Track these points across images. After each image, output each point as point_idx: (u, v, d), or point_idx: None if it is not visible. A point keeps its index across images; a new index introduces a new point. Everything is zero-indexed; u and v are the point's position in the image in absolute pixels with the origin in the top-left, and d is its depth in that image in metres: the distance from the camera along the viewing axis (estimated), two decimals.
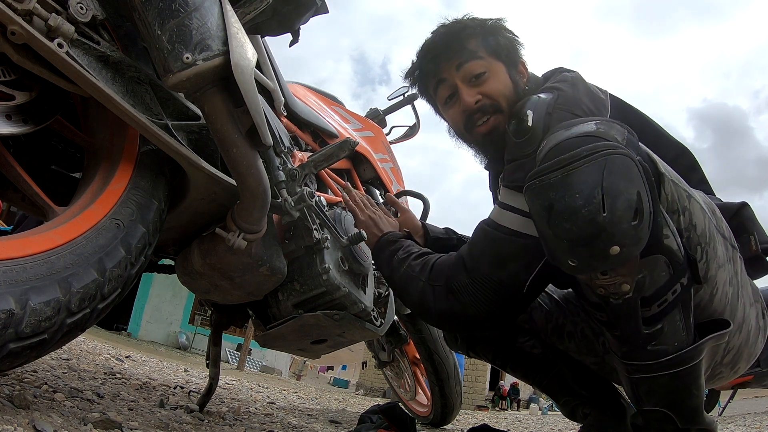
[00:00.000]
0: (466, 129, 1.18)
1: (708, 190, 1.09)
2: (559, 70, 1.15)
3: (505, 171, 1.05)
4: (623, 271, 0.81)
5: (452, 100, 1.19)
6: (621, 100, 1.12)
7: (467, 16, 1.19)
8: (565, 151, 0.80)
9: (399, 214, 1.49)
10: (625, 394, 1.32)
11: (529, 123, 0.98)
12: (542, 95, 1.03)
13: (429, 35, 1.20)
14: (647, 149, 0.88)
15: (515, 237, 1.00)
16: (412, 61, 1.25)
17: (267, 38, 1.32)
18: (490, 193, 1.38)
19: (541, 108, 0.99)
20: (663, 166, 0.88)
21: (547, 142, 0.87)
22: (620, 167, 0.78)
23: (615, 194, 0.76)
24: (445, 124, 1.28)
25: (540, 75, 1.22)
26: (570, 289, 1.34)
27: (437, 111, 1.28)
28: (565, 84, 1.06)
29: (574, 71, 1.13)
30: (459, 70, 1.15)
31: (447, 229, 1.47)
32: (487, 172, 1.34)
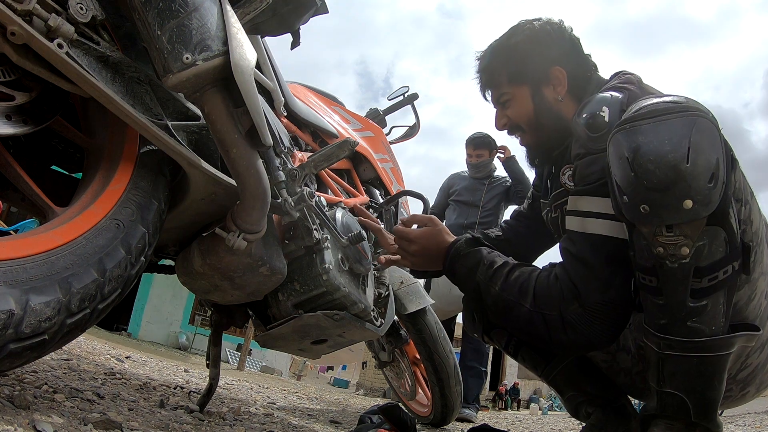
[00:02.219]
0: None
1: None
2: (623, 72, 1.19)
3: (577, 167, 1.06)
4: (687, 231, 0.83)
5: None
6: None
7: (504, 38, 1.29)
8: (657, 107, 0.85)
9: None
10: (631, 399, 1.33)
11: (606, 119, 1.01)
12: (614, 93, 1.06)
13: (480, 54, 1.35)
14: (725, 136, 0.90)
15: (607, 244, 0.99)
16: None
17: (267, 38, 1.32)
18: (535, 174, 1.49)
19: (616, 105, 1.02)
20: (735, 154, 0.90)
21: (635, 105, 0.90)
22: (707, 130, 0.82)
23: (699, 150, 0.79)
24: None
25: (606, 77, 1.25)
26: None
27: None
28: (631, 85, 1.09)
29: (636, 74, 1.16)
30: (492, 95, 1.32)
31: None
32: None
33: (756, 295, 0.93)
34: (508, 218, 1.57)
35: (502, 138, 3.97)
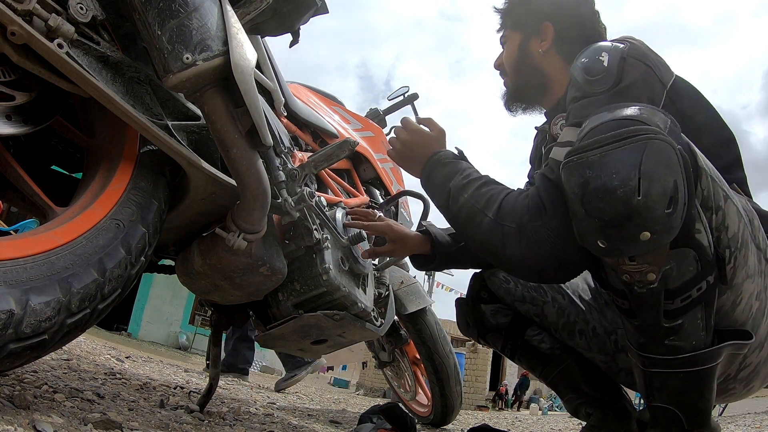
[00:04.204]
0: None
1: (747, 192, 1.07)
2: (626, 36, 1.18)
3: (571, 110, 1.04)
4: (651, 259, 0.81)
5: None
6: (680, 77, 1.11)
7: None
8: (606, 132, 0.81)
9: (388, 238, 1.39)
10: (631, 398, 1.32)
11: (605, 63, 0.99)
12: (615, 43, 1.04)
13: None
14: (689, 141, 0.86)
15: None
16: None
17: (267, 38, 1.32)
18: (530, 165, 1.46)
19: (616, 53, 1.00)
20: (703, 160, 0.87)
21: (588, 122, 0.88)
22: (660, 153, 0.77)
23: (652, 179, 0.75)
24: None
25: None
26: (585, 288, 1.35)
27: None
28: (633, 39, 1.07)
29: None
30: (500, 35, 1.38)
31: (453, 235, 1.41)
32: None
33: (742, 299, 0.91)
34: None
35: None
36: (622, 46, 1.02)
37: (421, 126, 1.27)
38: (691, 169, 0.82)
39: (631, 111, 0.84)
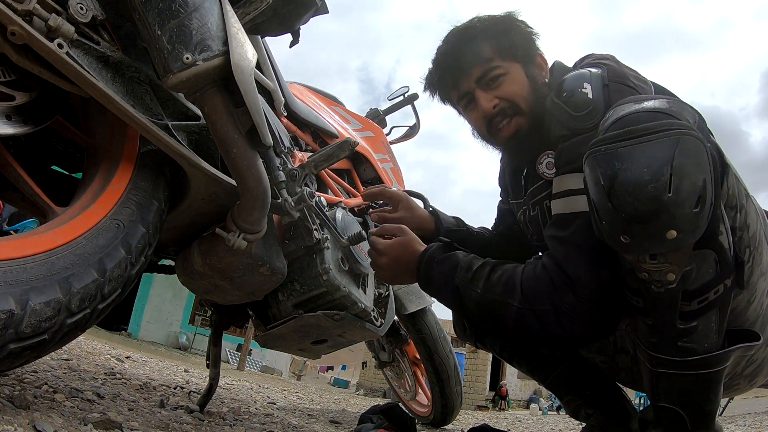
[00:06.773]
0: (489, 133, 1.18)
1: None
2: (592, 55, 1.10)
3: (563, 150, 0.98)
4: (673, 259, 0.78)
5: (471, 105, 1.19)
6: (656, 84, 1.06)
7: (477, 18, 1.17)
8: (635, 123, 0.77)
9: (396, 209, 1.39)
10: (631, 397, 1.32)
11: (590, 95, 0.94)
12: (591, 69, 0.99)
13: (441, 43, 1.20)
14: (713, 138, 0.84)
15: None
16: (429, 70, 1.25)
17: (267, 38, 1.32)
18: (499, 187, 1.41)
19: (597, 80, 0.96)
20: (728, 157, 0.85)
21: (613, 112, 0.84)
22: (692, 150, 0.74)
23: (683, 176, 0.73)
24: (468, 126, 1.25)
25: (570, 65, 1.16)
26: None
27: (460, 114, 1.27)
28: (607, 60, 1.03)
29: (608, 54, 1.08)
30: (475, 78, 1.15)
31: (456, 219, 1.42)
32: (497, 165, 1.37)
33: (756, 297, 0.90)
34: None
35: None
36: (599, 71, 0.97)
37: (385, 239, 1.19)
38: (719, 167, 0.80)
39: (659, 103, 0.81)
